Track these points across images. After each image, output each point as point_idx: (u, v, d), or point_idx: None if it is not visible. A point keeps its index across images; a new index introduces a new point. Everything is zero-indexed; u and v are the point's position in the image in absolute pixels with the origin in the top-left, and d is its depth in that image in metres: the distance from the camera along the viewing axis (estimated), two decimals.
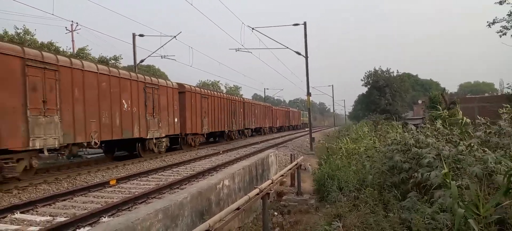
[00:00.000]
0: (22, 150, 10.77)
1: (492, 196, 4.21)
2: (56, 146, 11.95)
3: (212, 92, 27.51)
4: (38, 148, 11.25)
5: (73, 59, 13.52)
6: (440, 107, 11.35)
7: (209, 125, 25.12)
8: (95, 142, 13.79)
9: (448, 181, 4.21)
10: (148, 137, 17.36)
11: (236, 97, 34.55)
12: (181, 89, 21.19)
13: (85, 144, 13.75)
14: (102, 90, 14.43)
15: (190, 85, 23.04)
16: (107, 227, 3.55)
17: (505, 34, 26.49)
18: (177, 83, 21.08)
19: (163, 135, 18.80)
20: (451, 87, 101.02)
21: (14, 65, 10.69)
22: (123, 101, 15.68)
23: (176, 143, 21.23)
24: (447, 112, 10.57)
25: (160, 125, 18.40)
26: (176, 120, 20.10)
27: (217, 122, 26.77)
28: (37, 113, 11.27)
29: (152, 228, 4.06)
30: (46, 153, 11.65)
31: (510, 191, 4.04)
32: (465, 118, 7.93)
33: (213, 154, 19.52)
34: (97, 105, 14.05)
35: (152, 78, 18.62)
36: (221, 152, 20.47)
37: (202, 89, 25.41)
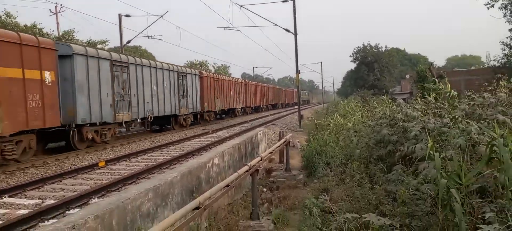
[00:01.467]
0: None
1: (474, 166, 4.33)
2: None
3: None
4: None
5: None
6: (431, 80, 11.43)
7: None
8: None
9: (432, 152, 4.29)
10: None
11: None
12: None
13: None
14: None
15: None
16: (98, 207, 3.58)
17: (492, 6, 26.68)
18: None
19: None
20: (439, 61, 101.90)
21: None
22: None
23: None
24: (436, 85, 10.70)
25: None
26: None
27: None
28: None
29: (143, 207, 4.10)
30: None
31: (492, 160, 4.16)
32: (452, 91, 8.03)
33: (202, 134, 19.54)
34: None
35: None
36: (210, 132, 20.50)
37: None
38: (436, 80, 10.75)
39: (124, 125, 16.58)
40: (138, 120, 18.21)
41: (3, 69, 10.28)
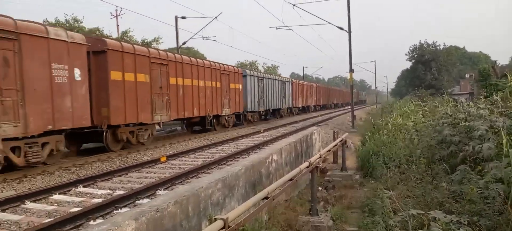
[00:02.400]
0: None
1: None
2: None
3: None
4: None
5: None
6: (495, 79, 10.93)
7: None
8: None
9: (506, 149, 4.19)
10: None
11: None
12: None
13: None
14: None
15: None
16: (175, 194, 3.90)
17: None
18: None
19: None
20: (502, 59, 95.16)
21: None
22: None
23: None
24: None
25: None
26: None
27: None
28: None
29: (213, 196, 4.39)
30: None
31: None
32: None
33: (254, 133, 19.88)
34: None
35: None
36: (262, 131, 20.79)
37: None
38: (500, 79, 10.25)
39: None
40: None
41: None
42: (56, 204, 7.08)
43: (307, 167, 5.71)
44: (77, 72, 11.20)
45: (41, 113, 9.99)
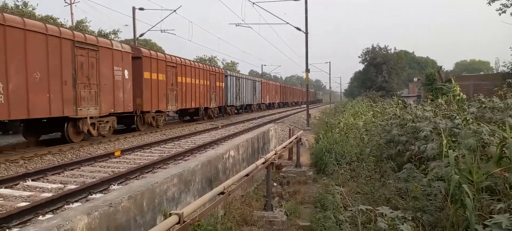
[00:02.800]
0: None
1: (484, 166, 4.53)
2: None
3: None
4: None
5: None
6: (440, 83, 11.68)
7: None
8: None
9: (445, 150, 4.51)
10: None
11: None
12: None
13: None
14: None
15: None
16: (130, 188, 3.84)
17: (504, 12, 26.62)
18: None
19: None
20: (447, 65, 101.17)
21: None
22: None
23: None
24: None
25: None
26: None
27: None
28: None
29: (169, 191, 4.36)
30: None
31: (502, 160, 4.36)
32: (461, 94, 8.22)
33: (212, 129, 19.83)
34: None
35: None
36: (220, 127, 20.77)
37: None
38: (445, 83, 10.96)
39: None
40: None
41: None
42: (1, 199, 6.70)
43: (263, 163, 5.80)
44: (126, 73, 15.91)
45: (107, 101, 14.66)
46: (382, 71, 55.06)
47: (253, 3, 23.22)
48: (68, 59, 12.65)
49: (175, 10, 25.23)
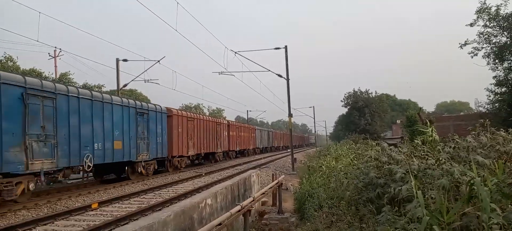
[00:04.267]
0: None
1: (455, 205, 4.53)
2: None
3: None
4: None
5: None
6: (419, 125, 11.88)
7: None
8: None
9: (415, 191, 4.51)
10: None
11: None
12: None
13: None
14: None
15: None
16: None
17: (476, 55, 27.68)
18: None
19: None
20: (429, 106, 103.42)
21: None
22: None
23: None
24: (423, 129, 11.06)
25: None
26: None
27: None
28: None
29: None
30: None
31: (472, 199, 4.38)
32: (434, 135, 8.35)
33: (195, 176, 19.55)
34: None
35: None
36: (203, 174, 20.51)
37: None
38: (426, 124, 11.15)
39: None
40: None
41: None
42: None
43: (239, 211, 5.69)
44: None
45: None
46: (365, 114, 55.84)
47: (235, 53, 23.74)
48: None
49: (158, 61, 25.56)
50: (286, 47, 25.39)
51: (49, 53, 33.90)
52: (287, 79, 25.38)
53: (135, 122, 17.55)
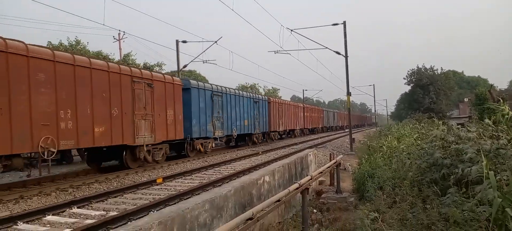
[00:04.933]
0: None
1: None
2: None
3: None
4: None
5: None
6: (490, 103, 11.03)
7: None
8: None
9: (486, 171, 4.24)
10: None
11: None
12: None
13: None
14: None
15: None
16: (160, 215, 3.93)
17: None
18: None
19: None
20: (501, 83, 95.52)
21: None
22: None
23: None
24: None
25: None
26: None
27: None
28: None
29: (200, 217, 4.41)
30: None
31: None
32: (510, 113, 7.72)
33: (252, 155, 19.89)
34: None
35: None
36: (260, 153, 20.80)
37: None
38: (498, 102, 10.30)
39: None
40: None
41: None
42: (49, 225, 7.09)
43: (297, 188, 5.73)
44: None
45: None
46: (429, 93, 52.99)
47: (291, 31, 23.46)
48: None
49: (216, 41, 26.03)
50: (344, 22, 24.64)
51: (113, 36, 35.98)
52: (346, 57, 24.70)
53: (253, 108, 26.57)
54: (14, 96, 9.70)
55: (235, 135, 24.23)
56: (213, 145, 21.84)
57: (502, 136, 6.02)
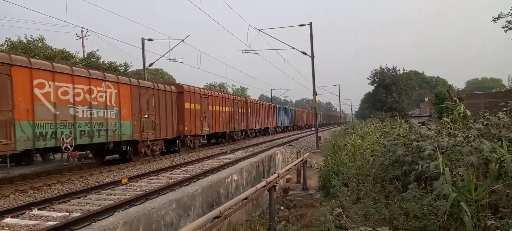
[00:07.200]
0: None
1: (483, 182, 4.45)
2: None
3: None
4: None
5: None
6: (448, 103, 11.56)
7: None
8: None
9: (442, 168, 4.46)
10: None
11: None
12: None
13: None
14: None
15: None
16: (126, 215, 3.87)
17: (510, 28, 26.47)
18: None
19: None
20: (459, 84, 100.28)
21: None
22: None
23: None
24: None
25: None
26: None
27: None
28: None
29: (167, 216, 4.38)
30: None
31: (501, 176, 4.29)
32: (466, 111, 8.13)
33: (220, 153, 19.85)
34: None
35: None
36: (228, 151, 20.79)
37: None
38: (456, 102, 10.82)
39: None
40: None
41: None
42: (7, 228, 6.79)
43: (264, 186, 5.79)
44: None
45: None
46: (392, 92, 54.74)
47: (259, 30, 23.58)
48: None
49: (183, 40, 25.75)
50: (310, 24, 25.03)
51: (76, 34, 34.79)
52: (312, 57, 25.10)
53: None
54: None
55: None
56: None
57: (458, 134, 6.32)
